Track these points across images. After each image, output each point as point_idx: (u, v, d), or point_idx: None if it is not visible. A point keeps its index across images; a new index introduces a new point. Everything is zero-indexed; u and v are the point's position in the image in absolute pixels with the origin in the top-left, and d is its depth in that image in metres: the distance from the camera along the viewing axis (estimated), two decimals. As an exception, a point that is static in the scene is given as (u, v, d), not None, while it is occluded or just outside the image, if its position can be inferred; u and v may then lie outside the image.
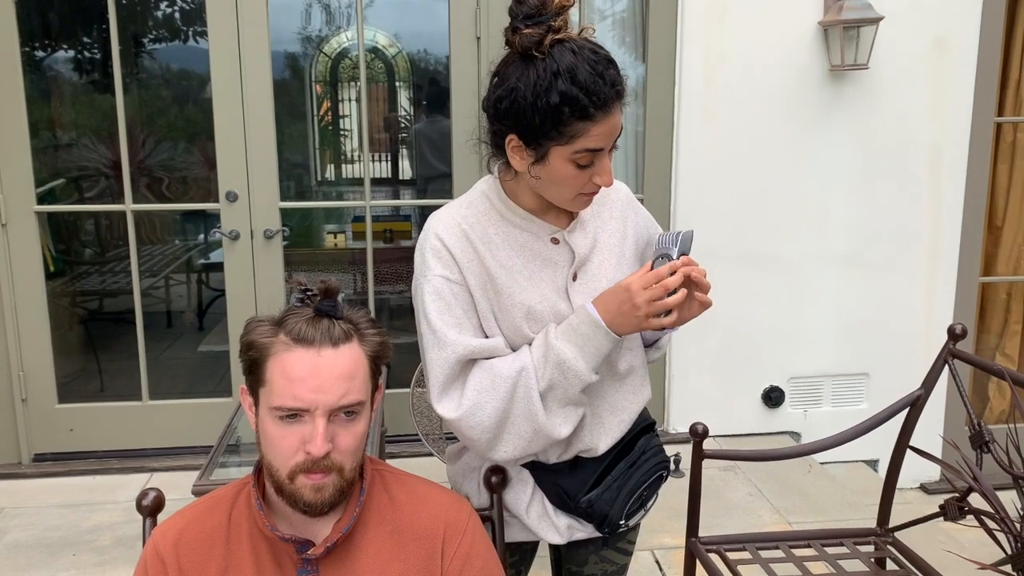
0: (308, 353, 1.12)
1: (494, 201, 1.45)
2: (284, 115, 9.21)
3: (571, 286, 1.43)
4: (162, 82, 6.33)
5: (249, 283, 3.10)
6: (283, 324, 1.15)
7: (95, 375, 4.05)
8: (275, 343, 1.14)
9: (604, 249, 1.48)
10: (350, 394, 1.13)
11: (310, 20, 8.53)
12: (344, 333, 1.15)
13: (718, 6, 3.10)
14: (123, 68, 6.47)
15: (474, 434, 1.39)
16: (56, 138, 5.40)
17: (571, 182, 1.34)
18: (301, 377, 1.11)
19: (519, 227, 1.43)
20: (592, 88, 1.28)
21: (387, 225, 5.66)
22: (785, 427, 3.44)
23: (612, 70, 1.30)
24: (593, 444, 1.48)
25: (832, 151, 3.25)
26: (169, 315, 5.12)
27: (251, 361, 1.15)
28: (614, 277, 1.45)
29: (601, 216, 1.51)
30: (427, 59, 9.19)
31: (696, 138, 3.19)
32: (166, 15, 6.29)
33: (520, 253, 1.42)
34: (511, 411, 1.38)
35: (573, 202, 1.39)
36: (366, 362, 1.17)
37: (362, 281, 3.29)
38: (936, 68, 3.22)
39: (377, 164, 10.05)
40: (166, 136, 5.97)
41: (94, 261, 4.84)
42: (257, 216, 3.06)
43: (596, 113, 1.28)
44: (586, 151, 1.31)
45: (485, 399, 1.38)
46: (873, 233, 3.33)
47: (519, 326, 1.41)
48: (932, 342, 3.43)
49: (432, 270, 1.40)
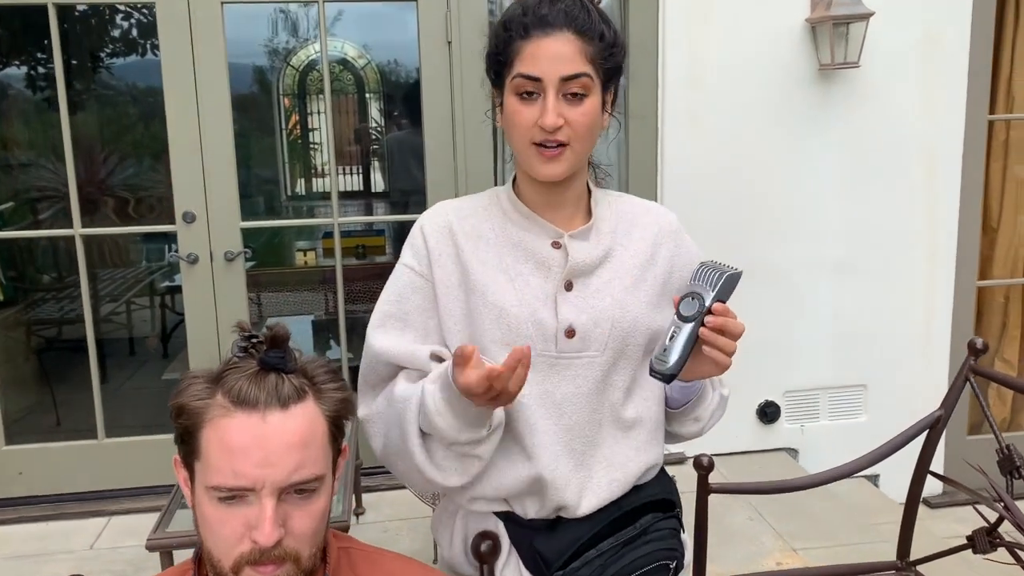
0: (251, 419, 0.92)
1: (501, 198, 1.33)
2: (253, 129, 9.04)
3: (562, 296, 1.26)
4: (128, 99, 6.11)
5: (210, 309, 2.89)
6: (221, 382, 0.94)
7: (50, 409, 3.82)
8: (211, 406, 0.93)
9: (617, 266, 1.30)
10: (304, 467, 0.92)
11: (276, 33, 8.33)
12: (296, 391, 0.95)
13: (702, 6, 2.95)
14: (81, 84, 6.25)
15: (372, 446, 1.30)
16: (9, 159, 5.17)
17: (516, 122, 1.21)
18: (243, 449, 0.90)
19: (519, 226, 1.29)
20: (534, 8, 1.20)
21: (360, 240, 5.45)
22: (782, 443, 3.29)
23: (567, 2, 1.21)
24: (571, 501, 1.26)
25: (823, 153, 3.10)
26: (132, 342, 4.89)
27: (183, 429, 0.95)
28: (624, 301, 1.27)
29: (629, 234, 1.33)
30: (398, 69, 9.03)
31: (682, 144, 3.03)
32: (123, 29, 6.09)
33: (512, 252, 1.28)
34: (393, 442, 1.24)
35: (531, 159, 1.23)
36: (324, 424, 0.97)
37: (333, 301, 3.09)
38: (928, 65, 3.09)
39: (349, 177, 9.86)
40: (129, 154, 5.76)
41: (50, 287, 4.60)
42: (217, 238, 2.86)
43: (533, 32, 1.19)
44: (519, 76, 1.19)
45: (380, 418, 1.27)
46: (867, 238, 3.19)
47: (488, 330, 1.24)
48: (931, 350, 3.30)
49: (404, 258, 1.31)
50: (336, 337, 3.15)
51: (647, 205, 1.40)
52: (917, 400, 3.29)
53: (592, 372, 1.27)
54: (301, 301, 4.94)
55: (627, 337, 1.28)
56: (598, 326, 1.26)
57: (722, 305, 1.14)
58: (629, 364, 1.30)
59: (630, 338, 1.28)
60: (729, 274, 1.15)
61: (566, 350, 1.26)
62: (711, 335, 1.14)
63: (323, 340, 4.10)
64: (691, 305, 1.14)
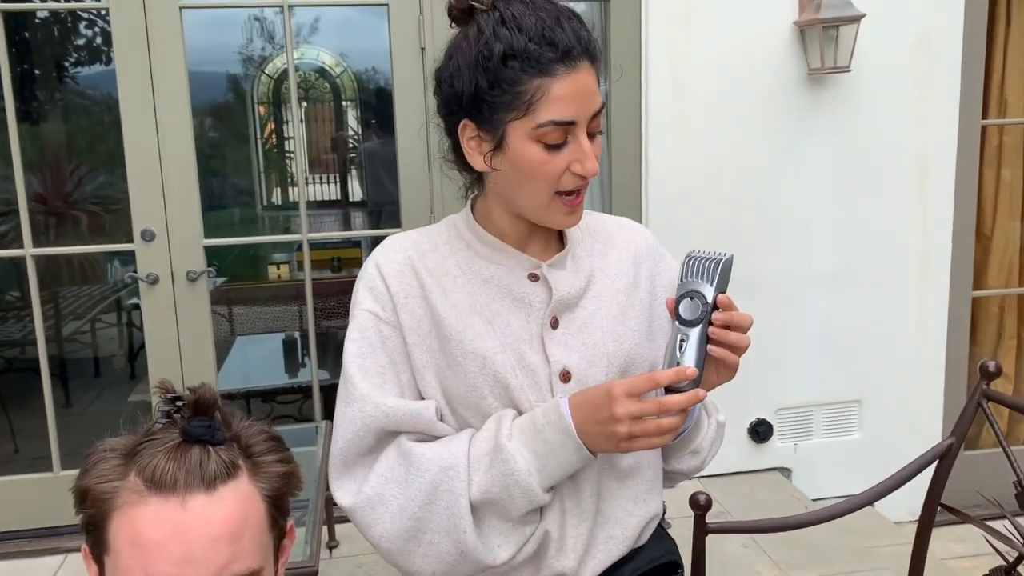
0: (167, 506, 0.75)
1: (461, 229, 1.14)
2: (227, 139, 8.86)
3: (548, 335, 1.09)
4: (99, 109, 5.93)
5: (171, 333, 2.72)
6: (135, 458, 0.78)
7: (8, 437, 3.64)
8: (120, 491, 0.77)
9: (601, 294, 1.14)
10: (236, 562, 0.76)
11: (251, 40, 8.16)
12: (225, 467, 0.78)
13: (684, 8, 2.83)
14: (44, 95, 6.06)
15: (373, 534, 1.05)
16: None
17: (541, 172, 1.02)
18: (157, 544, 0.74)
19: (488, 259, 1.11)
20: (547, 36, 0.98)
21: (335, 253, 5.29)
22: (775, 463, 3.16)
23: (575, 22, 1.01)
24: (567, 567, 1.10)
25: (813, 160, 2.99)
26: (97, 362, 4.70)
27: (88, 518, 0.78)
28: (615, 332, 1.12)
29: (605, 256, 1.18)
30: (375, 77, 8.89)
31: (667, 152, 2.90)
32: (87, 37, 5.91)
33: (484, 290, 1.10)
34: (426, 519, 1.03)
35: (552, 210, 1.06)
36: (261, 507, 0.81)
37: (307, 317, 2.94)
38: (920, 69, 2.99)
39: (326, 186, 9.71)
40: (99, 166, 5.57)
41: (11, 306, 4.41)
42: (178, 256, 2.70)
43: (556, 67, 0.99)
44: (551, 124, 1.00)
45: (392, 492, 1.04)
46: (859, 247, 3.08)
47: (475, 384, 1.06)
48: (926, 363, 3.18)
49: (361, 304, 1.10)
50: (309, 355, 3.00)
51: (619, 221, 1.26)
52: (913, 415, 3.20)
53: None
54: (274, 317, 4.77)
55: (625, 373, 1.12)
56: (593, 365, 1.10)
57: (726, 297, 1.01)
58: None
59: (628, 373, 1.12)
60: (724, 261, 1.02)
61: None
62: (722, 333, 1.01)
63: (295, 359, 3.93)
64: (692, 306, 1.01)
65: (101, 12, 2.61)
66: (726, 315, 1.01)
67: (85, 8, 5.64)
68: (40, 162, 5.32)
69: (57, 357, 4.25)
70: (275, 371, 3.87)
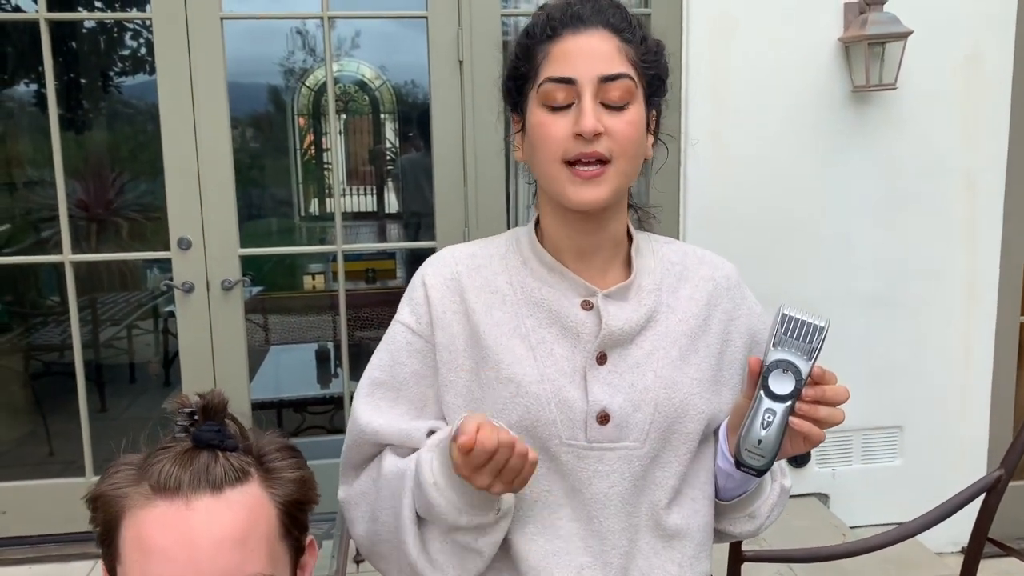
0: (171, 508, 0.73)
1: (521, 243, 1.08)
2: (270, 149, 8.97)
3: (593, 371, 1.02)
4: (142, 117, 6.04)
5: (206, 340, 2.73)
6: (148, 465, 0.77)
7: (43, 440, 3.68)
8: (130, 495, 0.75)
9: (663, 334, 1.06)
10: (244, 568, 0.74)
11: (293, 52, 8.26)
12: (234, 471, 0.76)
13: (727, 23, 2.79)
14: (90, 103, 6.17)
15: (353, 535, 1.09)
16: (14, 179, 5.07)
17: (544, 136, 0.98)
18: (162, 548, 0.72)
19: (542, 279, 1.05)
20: (563, 7, 1.00)
21: (369, 264, 5.31)
22: (812, 488, 3.08)
23: (600, 2, 1.01)
24: None
25: (856, 179, 2.92)
26: (132, 368, 4.75)
27: (101, 526, 0.77)
28: (671, 378, 1.04)
29: (676, 291, 1.09)
30: (414, 91, 8.96)
31: (706, 168, 2.86)
32: (133, 47, 6.01)
33: (532, 313, 1.04)
34: (379, 528, 1.02)
35: (562, 182, 0.99)
36: (273, 514, 0.78)
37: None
38: (969, 87, 2.91)
39: (363, 198, 9.77)
40: (141, 174, 5.66)
41: (51, 311, 4.47)
42: (213, 265, 2.70)
43: (561, 31, 0.98)
44: (549, 80, 0.98)
45: (366, 497, 1.06)
46: (902, 269, 3.00)
47: (502, 410, 1.01)
48: (971, 389, 3.09)
49: (399, 315, 1.10)
50: (342, 366, 2.99)
51: (701, 255, 1.17)
52: (957, 443, 3.11)
53: (630, 467, 1.03)
54: (308, 327, 4.79)
55: (674, 424, 1.05)
56: (638, 410, 1.03)
57: (821, 370, 0.93)
58: (676, 458, 1.06)
59: (678, 425, 1.05)
60: (826, 330, 0.93)
61: (598, 439, 1.02)
62: (812, 409, 0.94)
63: (327, 369, 3.93)
64: (785, 379, 0.93)
65: (146, 22, 2.64)
66: (819, 390, 0.93)
67: (130, 19, 5.76)
68: (83, 169, 5.41)
69: (94, 362, 4.29)
70: (307, 381, 3.88)
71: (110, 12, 5.70)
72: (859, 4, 2.77)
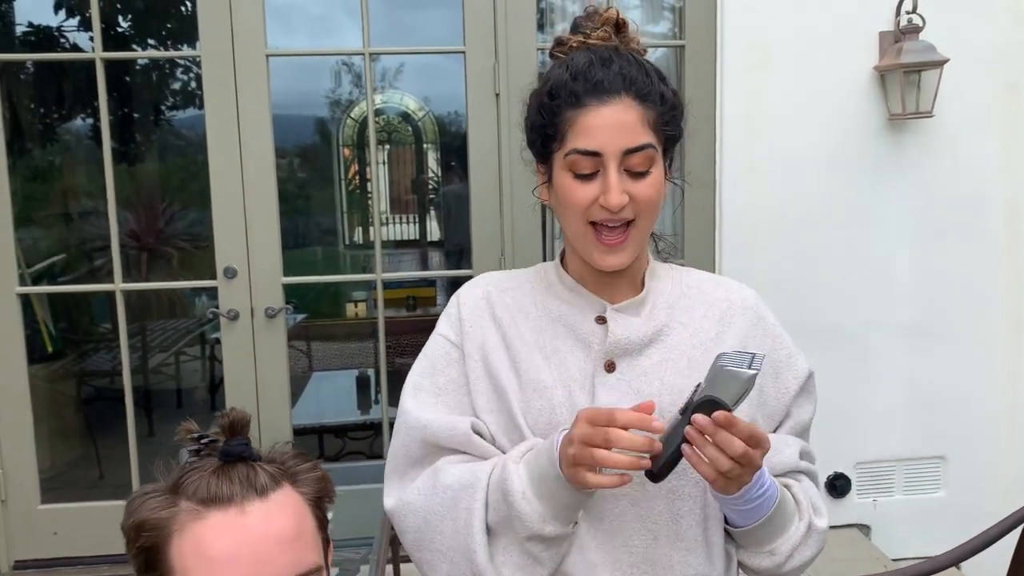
0: (228, 515, 0.79)
1: (548, 272, 1.19)
2: (315, 179, 9.14)
3: (600, 378, 1.10)
4: (194, 150, 6.22)
5: (249, 366, 2.80)
6: (181, 489, 0.82)
7: (94, 463, 3.78)
8: (177, 515, 0.80)
9: (671, 346, 1.13)
10: (303, 560, 0.80)
11: (340, 84, 8.45)
12: (271, 477, 0.83)
13: (761, 52, 2.81)
14: (142, 136, 6.37)
15: (403, 541, 1.13)
16: (69, 209, 5.25)
17: (570, 201, 1.06)
18: (229, 553, 0.77)
19: (562, 299, 1.15)
20: (585, 72, 1.05)
21: (410, 292, 5.38)
22: (853, 519, 3.04)
23: (625, 63, 1.05)
24: None
25: (895, 208, 2.91)
26: (180, 393, 4.86)
27: (146, 552, 0.81)
28: (678, 386, 1.09)
29: (690, 311, 1.16)
30: (456, 121, 9.09)
31: (741, 196, 2.87)
32: (183, 82, 6.22)
33: (551, 327, 1.13)
34: (445, 534, 1.07)
35: (588, 242, 1.08)
36: (308, 510, 0.85)
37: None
38: (1008, 114, 2.89)
39: (406, 226, 9.90)
40: (190, 205, 5.83)
41: (101, 338, 4.61)
42: (258, 293, 2.78)
43: (587, 99, 1.03)
44: (576, 152, 1.04)
45: (420, 504, 1.10)
46: (944, 299, 2.97)
47: (522, 413, 1.11)
48: (1015, 420, 3.03)
49: (437, 328, 1.20)
50: (381, 392, 3.04)
51: (718, 280, 1.25)
52: (1001, 474, 3.05)
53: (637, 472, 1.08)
54: (350, 354, 4.86)
55: None
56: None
57: (724, 415, 0.95)
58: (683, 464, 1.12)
59: None
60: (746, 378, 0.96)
61: None
62: (699, 440, 0.96)
63: (367, 396, 3.99)
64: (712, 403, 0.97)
65: (195, 60, 2.75)
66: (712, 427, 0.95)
67: (180, 57, 5.95)
68: (135, 200, 5.59)
69: (142, 387, 4.41)
70: (348, 407, 3.94)
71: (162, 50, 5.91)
72: (894, 32, 2.78)
